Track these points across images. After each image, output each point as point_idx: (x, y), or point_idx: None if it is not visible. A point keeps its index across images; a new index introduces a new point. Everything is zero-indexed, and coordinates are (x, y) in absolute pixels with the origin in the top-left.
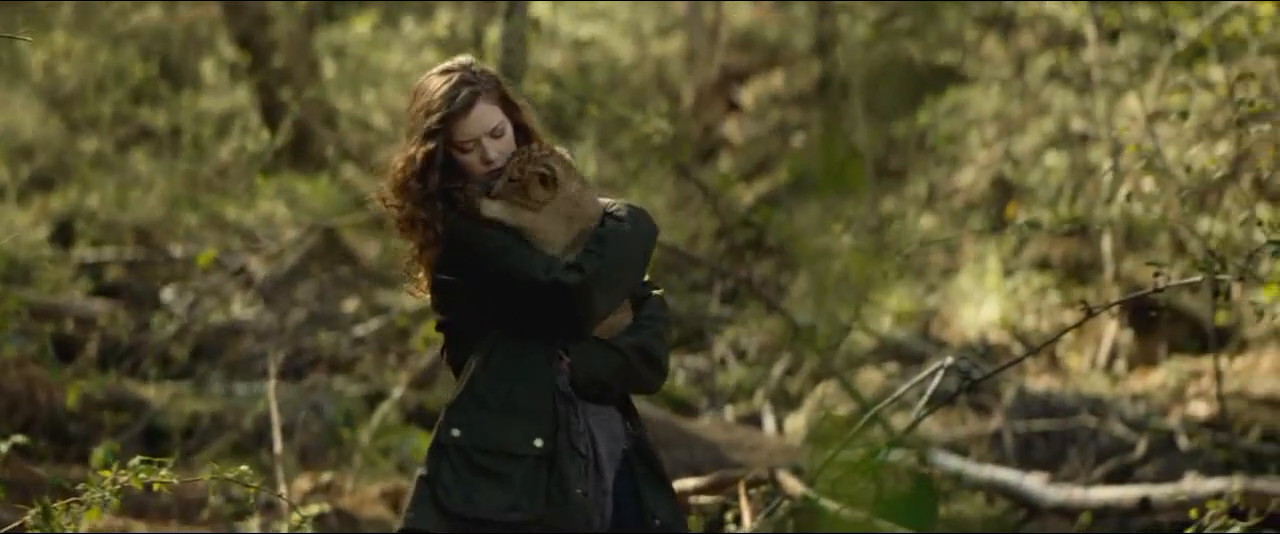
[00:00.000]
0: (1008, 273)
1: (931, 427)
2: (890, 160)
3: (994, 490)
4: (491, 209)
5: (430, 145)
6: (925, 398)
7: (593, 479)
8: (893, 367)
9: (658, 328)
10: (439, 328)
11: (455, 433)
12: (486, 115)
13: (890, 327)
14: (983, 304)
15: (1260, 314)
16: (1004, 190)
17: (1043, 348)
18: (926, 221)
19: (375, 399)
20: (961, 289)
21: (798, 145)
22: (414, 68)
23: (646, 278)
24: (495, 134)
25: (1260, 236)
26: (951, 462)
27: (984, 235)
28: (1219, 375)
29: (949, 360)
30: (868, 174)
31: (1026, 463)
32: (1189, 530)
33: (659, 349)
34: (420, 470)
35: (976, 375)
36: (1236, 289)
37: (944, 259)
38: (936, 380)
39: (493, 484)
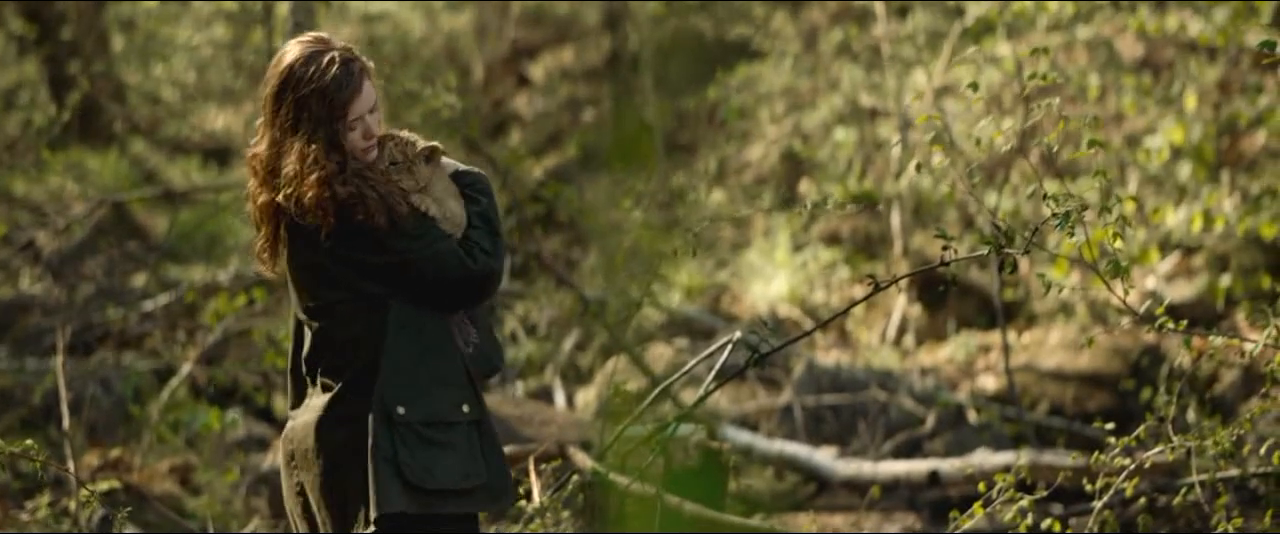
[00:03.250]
0: (797, 248)
1: (721, 401)
2: (680, 135)
3: (784, 464)
4: (429, 206)
5: (336, 127)
6: (714, 372)
7: None
8: (683, 341)
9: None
10: (320, 306)
11: (402, 410)
12: (370, 93)
13: (680, 301)
14: (773, 279)
15: (1047, 288)
16: (794, 165)
17: (831, 322)
18: (717, 197)
19: (165, 375)
20: (751, 264)
21: (588, 120)
22: (203, 41)
23: None
24: (373, 110)
25: (1047, 211)
26: (742, 436)
27: (774, 210)
28: (1007, 350)
29: (738, 334)
30: (658, 149)
31: (816, 437)
32: (977, 504)
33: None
34: (372, 453)
35: (765, 349)
36: (1023, 263)
37: (734, 234)
38: (726, 355)
39: (444, 454)
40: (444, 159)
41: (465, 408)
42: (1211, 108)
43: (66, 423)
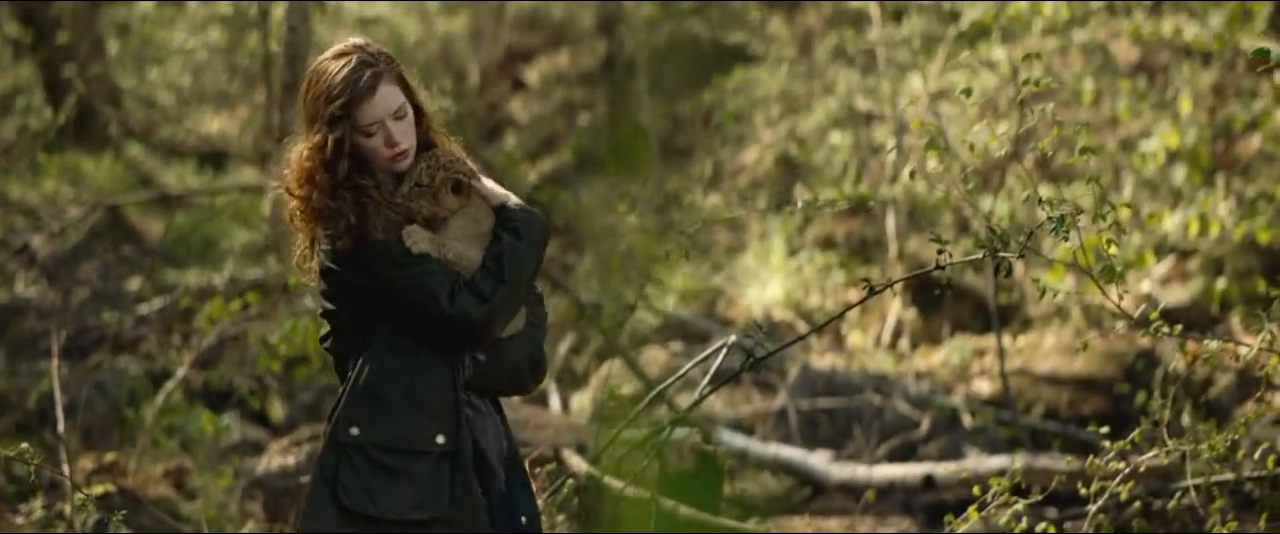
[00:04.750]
0: (792, 251)
1: (716, 405)
2: (676, 139)
3: (779, 468)
4: (420, 244)
5: (338, 133)
6: (709, 376)
7: (489, 478)
8: (678, 345)
9: (543, 331)
10: (325, 315)
11: (354, 432)
12: (389, 97)
13: (675, 305)
14: (768, 283)
15: (1042, 293)
16: (789, 169)
17: (826, 325)
18: (712, 200)
19: (159, 378)
20: (747, 268)
21: (583, 124)
22: (198, 45)
23: None
24: (398, 116)
25: (1041, 215)
26: (736, 440)
27: (769, 214)
28: (1002, 354)
29: (733, 338)
30: (653, 153)
31: (811, 441)
32: (972, 507)
33: (543, 354)
34: (315, 472)
35: (760, 353)
36: (1018, 268)
37: (729, 238)
38: (720, 358)
39: (395, 482)
40: (496, 188)
41: (440, 439)
42: (1206, 112)
43: (61, 427)
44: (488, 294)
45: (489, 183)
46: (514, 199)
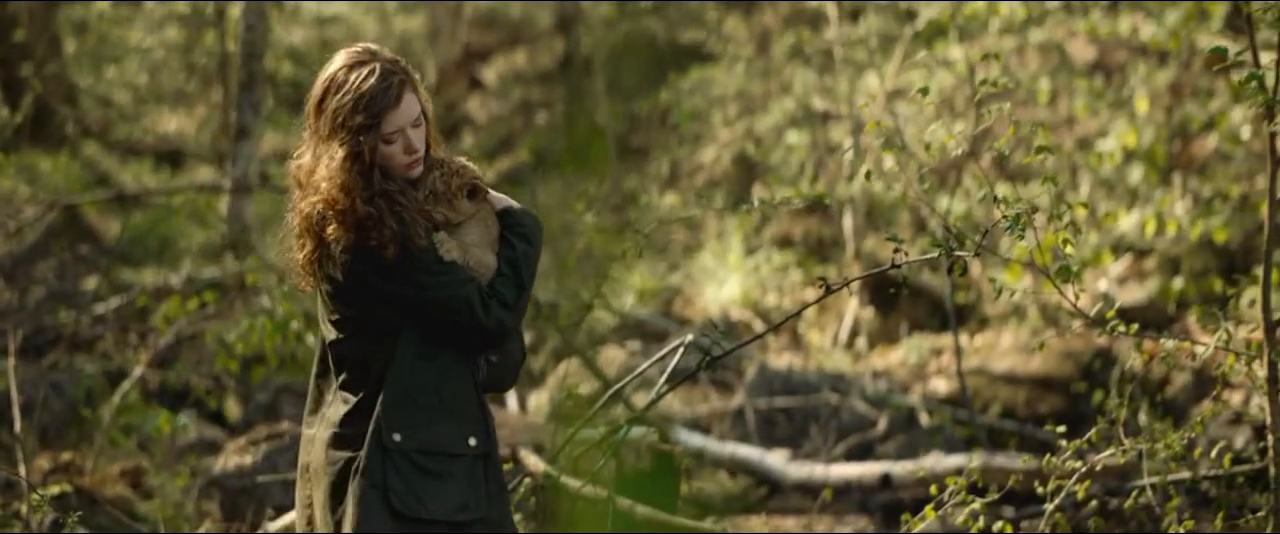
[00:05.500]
0: (750, 251)
1: (673, 404)
2: (633, 138)
3: (736, 467)
4: (451, 252)
5: (373, 141)
6: (666, 375)
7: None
8: (635, 344)
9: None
10: (339, 321)
11: (397, 437)
12: (412, 106)
13: (632, 304)
14: (725, 282)
15: (999, 292)
16: (746, 168)
17: (783, 324)
18: (669, 199)
19: (116, 378)
20: (704, 267)
21: (541, 123)
22: (155, 44)
23: None
24: (417, 123)
25: (998, 214)
26: (694, 439)
27: (726, 213)
28: (959, 353)
29: (690, 337)
30: (610, 152)
31: (768, 440)
32: (929, 506)
33: (524, 354)
34: (362, 480)
35: (717, 352)
36: (976, 267)
37: (686, 237)
38: (678, 357)
39: (440, 484)
40: (492, 193)
41: (472, 441)
42: (1163, 111)
43: (18, 426)
44: (511, 301)
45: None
46: (515, 203)
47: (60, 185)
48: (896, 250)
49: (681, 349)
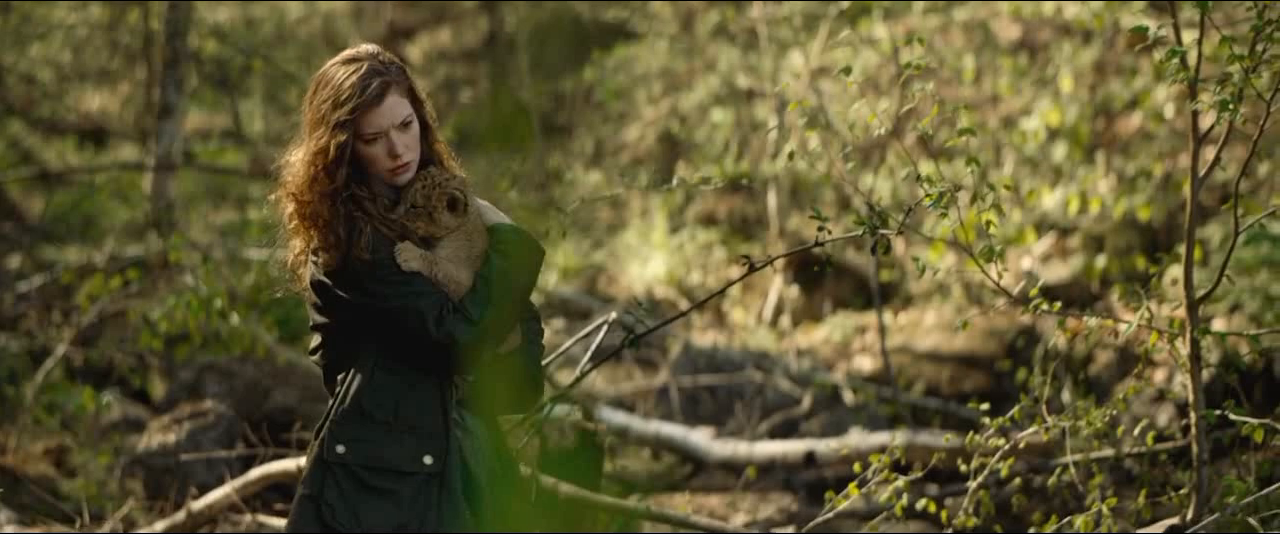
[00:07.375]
0: (674, 229)
1: (598, 382)
2: (557, 116)
3: (660, 445)
4: (412, 262)
5: (341, 137)
6: (590, 353)
7: (477, 500)
8: (559, 322)
9: (539, 347)
10: (315, 327)
11: (340, 450)
12: (396, 107)
13: (557, 282)
14: (649, 260)
15: (922, 270)
16: (671, 146)
17: (707, 302)
18: (593, 177)
19: (40, 356)
20: (628, 245)
21: (465, 101)
22: (79, 21)
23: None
24: (403, 126)
25: (922, 193)
26: (618, 417)
27: (650, 191)
28: (883, 331)
29: (614, 315)
30: (534, 130)
31: (693, 418)
32: (852, 484)
33: (541, 369)
34: (302, 489)
35: (641, 330)
36: (899, 245)
37: (611, 215)
38: (602, 335)
39: (381, 502)
40: (490, 208)
41: (428, 460)
42: (1087, 89)
43: None
44: (475, 318)
45: (483, 203)
46: (506, 219)
47: None
48: (820, 228)
49: (605, 327)
